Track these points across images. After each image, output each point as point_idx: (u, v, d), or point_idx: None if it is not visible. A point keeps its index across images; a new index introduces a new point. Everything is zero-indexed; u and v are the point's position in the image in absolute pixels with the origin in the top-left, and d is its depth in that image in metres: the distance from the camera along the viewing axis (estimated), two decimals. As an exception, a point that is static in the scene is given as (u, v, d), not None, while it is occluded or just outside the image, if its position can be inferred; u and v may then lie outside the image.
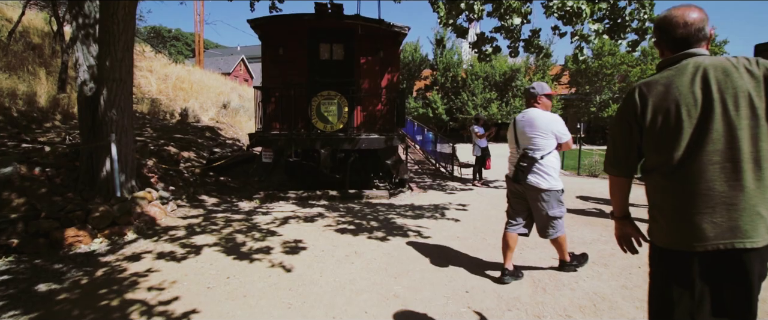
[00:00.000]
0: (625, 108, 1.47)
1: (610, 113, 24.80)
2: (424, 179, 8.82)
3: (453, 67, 27.02)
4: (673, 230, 1.34)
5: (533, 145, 3.05)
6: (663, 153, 1.34)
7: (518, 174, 3.07)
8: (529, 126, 3.10)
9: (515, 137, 3.22)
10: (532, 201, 3.14)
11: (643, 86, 1.41)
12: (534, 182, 3.03)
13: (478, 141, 7.94)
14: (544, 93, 3.22)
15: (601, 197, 6.75)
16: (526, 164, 3.03)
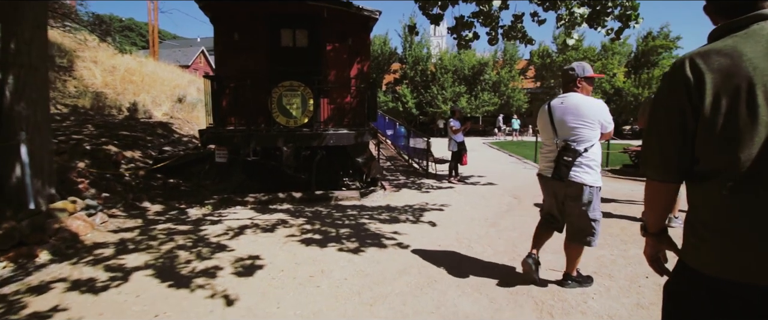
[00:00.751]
0: (670, 87, 1.09)
1: (574, 106, 25.19)
2: (398, 177, 8.21)
3: (422, 61, 26.56)
4: (732, 257, 1.00)
5: (577, 136, 2.62)
6: (727, 152, 0.98)
7: (561, 170, 2.63)
8: (572, 114, 2.63)
9: (552, 126, 2.72)
10: (570, 200, 2.72)
11: (696, 58, 1.02)
12: (577, 178, 2.61)
13: (454, 136, 7.40)
14: (586, 76, 2.73)
15: (584, 193, 6.37)
16: (570, 158, 2.59)
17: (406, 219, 5.04)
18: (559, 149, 2.67)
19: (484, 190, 6.88)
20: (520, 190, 6.84)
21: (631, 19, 5.91)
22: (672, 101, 1.07)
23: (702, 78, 0.99)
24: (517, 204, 5.80)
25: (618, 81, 25.73)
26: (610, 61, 25.27)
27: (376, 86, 7.07)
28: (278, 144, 6.12)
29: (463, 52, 26.30)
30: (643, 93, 24.08)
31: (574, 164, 2.60)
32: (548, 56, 26.16)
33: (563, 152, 2.63)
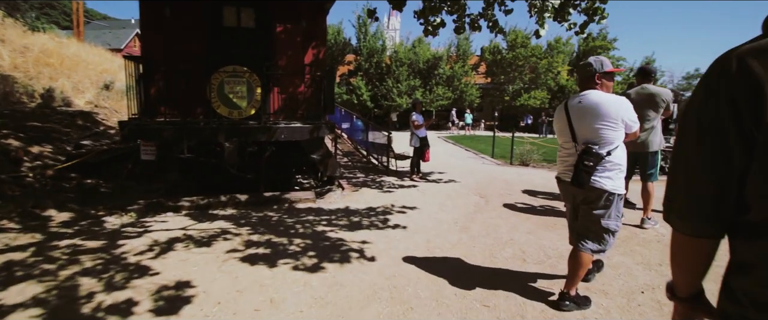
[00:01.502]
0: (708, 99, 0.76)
1: (521, 101, 25.92)
2: (356, 175, 7.57)
3: (377, 54, 25.94)
4: None
5: (599, 137, 2.36)
6: None
7: (581, 176, 2.34)
8: (592, 114, 2.37)
9: (570, 127, 2.47)
10: (587, 205, 2.46)
11: (748, 57, 0.69)
12: (598, 184, 2.34)
13: (416, 131, 6.89)
14: (605, 71, 2.45)
15: (551, 192, 6.14)
16: (591, 162, 2.32)
17: (370, 224, 4.45)
18: (579, 153, 2.38)
19: (448, 188, 6.45)
20: (484, 188, 6.49)
21: (597, 14, 5.70)
22: (710, 119, 0.75)
23: (759, 86, 0.67)
24: (484, 204, 5.41)
25: (562, 79, 26.83)
26: (556, 59, 26.24)
27: (334, 74, 6.35)
28: (219, 139, 5.24)
29: (418, 46, 26.05)
30: (584, 91, 25.27)
31: (596, 169, 2.31)
32: (499, 53, 26.65)
33: (584, 157, 2.33)
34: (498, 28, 5.71)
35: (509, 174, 8.01)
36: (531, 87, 26.61)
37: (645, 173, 4.33)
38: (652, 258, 3.44)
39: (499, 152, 11.56)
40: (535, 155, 9.46)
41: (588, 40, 27.45)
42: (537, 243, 3.84)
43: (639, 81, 4.40)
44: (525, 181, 7.23)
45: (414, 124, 6.87)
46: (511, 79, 26.75)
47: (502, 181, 7.17)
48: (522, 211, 5.07)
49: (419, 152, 7.00)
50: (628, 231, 4.14)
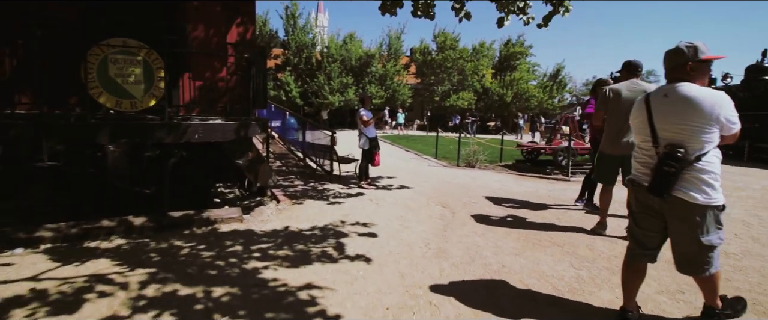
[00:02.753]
0: None
1: (450, 102, 26.25)
2: (293, 182, 6.28)
3: (307, 48, 24.29)
4: None
5: (687, 139, 1.93)
6: None
7: (660, 183, 1.96)
8: (680, 111, 1.94)
9: (651, 124, 2.05)
10: (677, 222, 2.02)
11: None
12: (686, 196, 1.92)
13: (365, 130, 5.84)
14: (701, 59, 1.97)
15: (517, 199, 5.53)
16: (673, 168, 1.91)
17: (321, 255, 3.31)
18: (660, 155, 1.97)
19: (404, 197, 5.52)
20: (443, 195, 5.68)
21: (562, 5, 5.19)
22: None
23: None
24: (451, 217, 4.57)
25: (486, 81, 27.77)
26: (481, 62, 27.04)
27: (265, 57, 5.03)
28: (100, 140, 3.66)
29: (350, 42, 24.95)
30: (506, 93, 26.40)
31: (681, 177, 1.92)
32: (429, 54, 26.68)
33: (666, 161, 1.93)
34: (465, 13, 4.91)
35: (461, 178, 7.36)
36: (459, 88, 27.09)
37: (632, 179, 3.81)
38: (668, 283, 2.84)
39: (441, 153, 11.02)
40: (481, 156, 9.00)
41: (508, 46, 28.82)
42: (535, 271, 3.06)
43: (626, 76, 3.88)
44: (480, 185, 6.60)
45: (362, 120, 5.82)
46: (440, 80, 26.97)
47: (458, 186, 6.45)
48: (495, 224, 4.31)
49: (368, 155, 5.97)
50: (612, 246, 3.56)
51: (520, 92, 26.54)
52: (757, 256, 3.36)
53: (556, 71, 29.28)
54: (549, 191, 6.25)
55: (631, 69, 3.85)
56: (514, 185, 6.66)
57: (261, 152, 5.71)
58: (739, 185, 6.60)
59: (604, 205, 4.00)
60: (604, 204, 4.00)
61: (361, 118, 5.85)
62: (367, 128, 5.84)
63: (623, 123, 3.75)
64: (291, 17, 24.06)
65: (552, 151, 8.58)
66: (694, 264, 2.03)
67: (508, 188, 6.35)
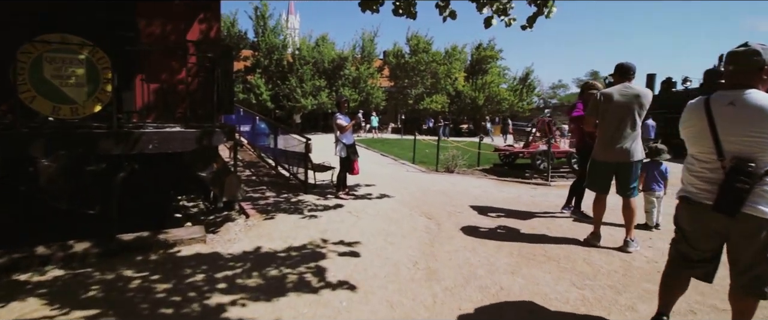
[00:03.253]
0: None
1: (424, 105, 26.18)
2: (264, 194, 5.77)
3: (278, 50, 23.53)
4: None
5: (758, 152, 1.73)
6: None
7: (730, 201, 1.73)
8: (751, 120, 1.74)
9: (714, 136, 1.82)
10: (744, 239, 1.80)
11: None
12: (756, 211, 1.72)
13: (342, 136, 5.44)
14: None
15: (502, 207, 5.29)
16: (746, 184, 1.69)
17: (298, 283, 2.89)
18: (727, 169, 1.79)
19: (385, 208, 5.16)
20: (425, 204, 5.38)
21: (548, 6, 5.02)
22: None
23: None
24: (437, 230, 4.25)
25: (459, 85, 27.93)
26: (453, 66, 27.17)
27: (231, 56, 4.55)
28: (32, 153, 3.09)
29: (322, 45, 24.41)
30: (478, 96, 26.63)
31: (752, 192, 1.73)
32: (402, 57, 26.53)
33: (736, 176, 1.74)
34: (449, 11, 4.62)
35: (440, 183, 7.09)
36: (432, 92, 27.09)
37: (627, 186, 3.62)
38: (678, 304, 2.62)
39: (418, 157, 10.76)
40: (459, 161, 8.78)
41: (480, 50, 29.13)
42: (537, 292, 2.78)
43: (618, 79, 3.69)
44: (462, 192, 6.34)
45: (339, 126, 5.41)
46: (414, 83, 26.87)
47: (439, 193, 6.16)
48: (484, 236, 4.04)
49: (346, 164, 5.57)
50: (609, 258, 3.36)
51: (492, 95, 26.85)
52: None
53: (526, 75, 29.87)
54: (531, 196, 6.07)
55: (623, 72, 3.67)
56: (496, 191, 6.45)
57: (228, 160, 5.19)
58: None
59: (598, 214, 3.80)
60: (598, 214, 3.80)
61: (337, 123, 5.45)
62: (344, 134, 5.44)
63: (616, 129, 3.56)
64: (261, 18, 23.24)
65: (530, 155, 8.49)
66: (759, 281, 1.81)
67: (491, 195, 6.13)
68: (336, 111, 5.60)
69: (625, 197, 3.63)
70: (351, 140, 5.56)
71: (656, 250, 3.62)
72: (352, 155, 5.52)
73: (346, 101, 5.62)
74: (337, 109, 5.60)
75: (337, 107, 5.60)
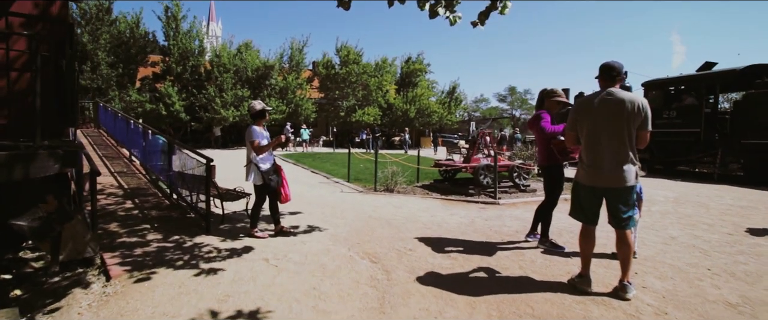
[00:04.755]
0: None
1: (356, 117, 25.24)
2: (145, 237, 4.10)
3: (193, 56, 20.92)
4: None
5: None
6: None
7: None
8: None
9: None
10: None
11: None
12: None
13: (257, 159, 4.08)
14: None
15: (457, 237, 4.34)
16: None
17: None
18: None
19: (316, 249, 3.91)
20: (367, 240, 4.25)
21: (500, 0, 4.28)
22: None
23: None
24: (387, 282, 3.14)
25: (390, 97, 27.54)
26: (384, 78, 26.73)
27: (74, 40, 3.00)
28: None
29: (246, 52, 22.31)
30: (409, 109, 26.43)
31: None
32: (332, 68, 25.41)
33: None
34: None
35: (383, 208, 6.02)
36: (364, 104, 26.30)
37: (619, 216, 2.85)
38: None
39: (353, 174, 9.63)
40: (400, 178, 7.83)
41: (409, 63, 29.19)
42: None
43: (603, 84, 2.94)
44: (408, 217, 5.34)
45: (253, 145, 4.06)
46: (345, 95, 25.86)
47: (383, 222, 5.07)
48: (449, 287, 3.01)
49: (263, 193, 4.19)
50: (612, 313, 2.54)
51: (423, 107, 26.86)
52: None
53: (452, 89, 30.60)
54: (485, 220, 5.27)
55: (605, 74, 2.92)
56: (446, 215, 5.56)
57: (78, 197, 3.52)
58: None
59: (586, 251, 2.99)
60: (586, 250, 2.99)
61: (252, 142, 4.10)
62: (260, 154, 4.09)
63: (601, 146, 2.80)
64: (172, 19, 20.51)
65: (473, 170, 7.84)
66: None
67: (441, 220, 5.21)
68: (250, 123, 4.22)
69: (619, 228, 2.86)
70: (270, 161, 4.22)
71: (656, 293, 2.90)
72: (272, 182, 4.16)
73: (264, 109, 4.23)
74: (253, 119, 4.22)
75: (252, 117, 4.23)
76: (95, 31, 18.75)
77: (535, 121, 3.97)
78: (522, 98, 55.28)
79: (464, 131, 35.77)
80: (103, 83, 18.76)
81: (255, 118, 4.21)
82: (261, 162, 4.08)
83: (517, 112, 54.36)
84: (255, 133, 4.08)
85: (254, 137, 4.06)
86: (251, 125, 4.15)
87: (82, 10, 18.67)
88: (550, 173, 3.91)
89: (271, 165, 4.19)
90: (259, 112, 4.19)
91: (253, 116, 4.20)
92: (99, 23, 19.00)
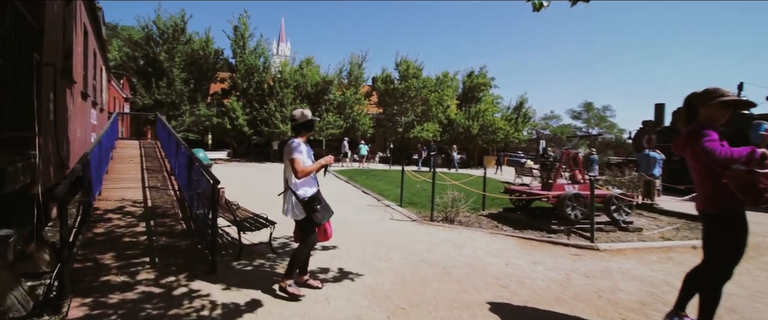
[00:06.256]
0: None
1: (414, 133, 24.14)
2: (134, 277, 3.18)
3: (257, 72, 21.49)
4: None
5: None
6: None
7: None
8: None
9: None
10: None
11: None
12: None
13: (297, 184, 2.96)
14: None
15: (549, 308, 2.92)
16: None
17: None
18: None
19: (342, 316, 2.76)
20: (415, 304, 3.01)
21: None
22: None
23: None
24: None
25: (451, 113, 26.10)
26: (445, 93, 25.42)
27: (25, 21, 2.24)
28: None
29: (306, 67, 22.49)
30: (472, 125, 24.73)
31: None
32: (391, 83, 24.73)
33: None
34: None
35: (440, 246, 4.72)
36: (423, 119, 25.16)
37: None
38: None
39: (407, 196, 8.45)
40: (461, 205, 6.48)
41: (472, 77, 27.60)
42: None
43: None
44: (473, 264, 3.99)
45: (294, 165, 2.89)
46: (404, 110, 24.96)
47: (440, 272, 3.79)
48: None
49: (308, 226, 3.04)
50: None
51: (487, 123, 25.00)
52: None
53: (519, 104, 28.26)
54: (586, 277, 3.75)
55: None
56: (526, 263, 4.12)
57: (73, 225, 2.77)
58: None
59: None
60: None
61: (291, 161, 2.91)
62: (300, 179, 2.94)
63: None
64: (240, 38, 21.33)
65: (557, 200, 6.23)
66: None
67: (521, 273, 3.79)
68: (292, 137, 3.08)
69: None
70: (314, 186, 3.13)
71: None
72: (317, 214, 3.02)
73: (311, 122, 3.11)
74: (293, 133, 3.16)
75: (295, 129, 3.12)
76: (171, 50, 20.00)
77: (690, 140, 2.46)
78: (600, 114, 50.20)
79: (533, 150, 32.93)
80: (176, 97, 19.85)
81: (298, 130, 3.08)
82: (302, 188, 3.01)
83: (595, 130, 49.28)
84: (296, 148, 2.93)
85: (294, 154, 2.88)
86: (292, 138, 3.01)
87: (160, 30, 20.08)
88: (724, 225, 2.37)
89: (314, 194, 3.04)
90: (306, 122, 3.08)
91: (297, 126, 3.08)
92: (175, 42, 20.27)
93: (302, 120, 3.08)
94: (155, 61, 20.04)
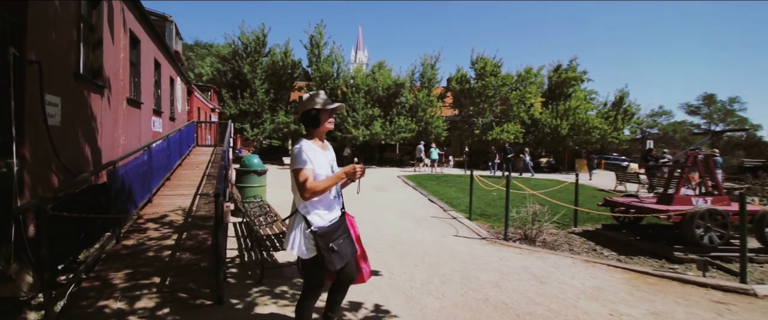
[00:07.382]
0: None
1: (493, 135, 22.32)
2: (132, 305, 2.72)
3: (331, 79, 21.89)
4: None
5: None
6: None
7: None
8: None
9: None
10: None
11: None
12: None
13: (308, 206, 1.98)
14: None
15: None
16: None
17: None
18: None
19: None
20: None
21: None
22: None
23: None
24: None
25: (535, 112, 23.65)
26: (528, 90, 23.11)
27: None
28: None
29: (378, 72, 22.29)
30: (561, 125, 22.05)
31: None
32: (467, 82, 23.27)
33: None
34: None
35: (515, 282, 3.62)
36: (503, 120, 23.17)
37: None
38: None
39: (478, 206, 7.32)
40: (545, 220, 5.22)
41: (559, 71, 24.72)
42: None
43: None
44: (564, 315, 2.87)
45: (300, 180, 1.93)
46: (481, 111, 23.26)
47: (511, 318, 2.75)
48: None
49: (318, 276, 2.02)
50: None
51: (579, 122, 22.04)
52: None
53: (619, 99, 24.45)
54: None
55: None
56: (641, 314, 2.86)
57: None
58: None
59: None
60: None
61: (296, 172, 1.96)
62: (316, 196, 1.97)
63: None
64: (316, 47, 21.97)
65: (682, 219, 4.62)
66: None
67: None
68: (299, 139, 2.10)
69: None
70: (332, 208, 2.09)
71: None
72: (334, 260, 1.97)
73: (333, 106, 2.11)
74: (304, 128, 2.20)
75: (305, 122, 2.14)
76: (254, 63, 21.39)
77: None
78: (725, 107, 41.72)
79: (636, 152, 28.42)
80: (258, 107, 21.13)
81: (307, 124, 2.11)
82: (316, 211, 2.03)
83: (719, 127, 40.98)
84: (300, 155, 1.97)
85: (300, 163, 1.96)
86: (300, 140, 2.08)
87: (244, 44, 21.58)
88: None
89: (335, 220, 2.07)
90: (308, 113, 2.09)
91: (303, 120, 2.14)
92: (257, 55, 21.65)
93: (303, 109, 2.11)
94: (240, 74, 21.58)
